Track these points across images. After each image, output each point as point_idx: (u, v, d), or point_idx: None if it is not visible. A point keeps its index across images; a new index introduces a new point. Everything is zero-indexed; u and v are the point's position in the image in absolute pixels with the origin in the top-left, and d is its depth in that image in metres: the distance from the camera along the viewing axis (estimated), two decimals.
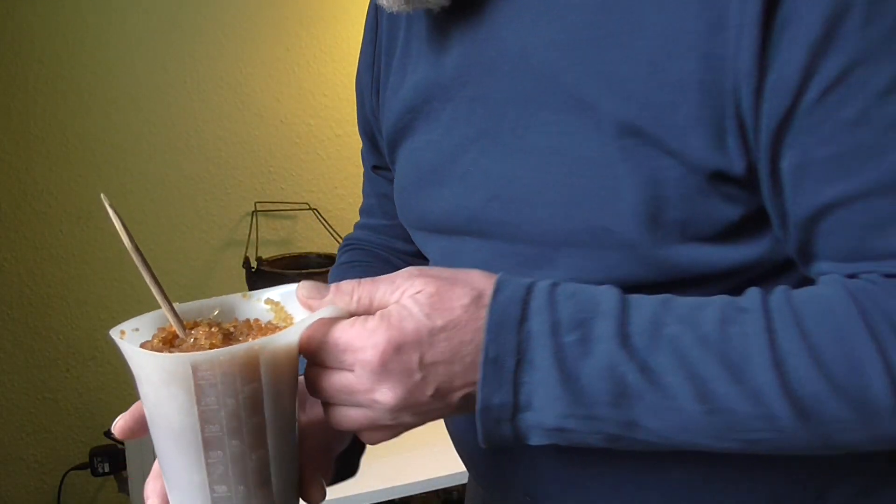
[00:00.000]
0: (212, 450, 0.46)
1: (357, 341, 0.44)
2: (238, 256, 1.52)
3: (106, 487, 1.57)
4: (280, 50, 1.53)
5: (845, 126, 0.43)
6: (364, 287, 0.47)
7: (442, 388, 0.45)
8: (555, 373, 0.44)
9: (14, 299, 1.46)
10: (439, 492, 1.38)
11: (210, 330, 0.47)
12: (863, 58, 0.43)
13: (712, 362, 0.44)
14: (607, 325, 0.45)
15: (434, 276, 0.46)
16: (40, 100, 1.41)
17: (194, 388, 0.44)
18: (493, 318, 0.44)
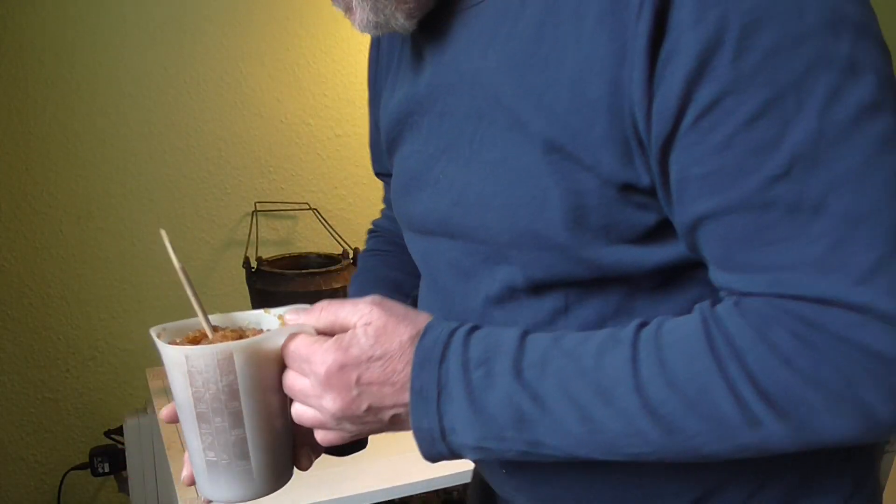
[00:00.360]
0: (203, 423, 0.58)
1: (313, 356, 0.55)
2: (238, 256, 1.52)
3: (106, 487, 1.57)
4: (280, 50, 1.53)
5: (715, 149, 0.49)
6: (331, 308, 0.57)
7: (374, 405, 0.56)
8: (466, 403, 0.53)
9: (14, 299, 1.46)
10: (439, 492, 1.39)
11: (226, 333, 0.62)
12: (731, 88, 0.47)
13: (589, 390, 0.51)
14: (505, 362, 0.53)
15: (387, 311, 0.56)
16: (40, 100, 1.41)
17: (188, 374, 0.57)
18: (418, 356, 0.54)
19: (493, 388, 0.53)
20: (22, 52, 1.38)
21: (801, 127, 0.47)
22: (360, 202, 1.65)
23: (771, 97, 0.47)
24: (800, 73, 0.47)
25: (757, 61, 0.47)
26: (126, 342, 1.54)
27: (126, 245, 1.50)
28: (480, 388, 0.53)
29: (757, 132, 0.48)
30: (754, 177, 0.48)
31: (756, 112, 0.48)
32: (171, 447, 1.18)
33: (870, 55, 0.48)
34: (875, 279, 0.47)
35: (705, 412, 0.49)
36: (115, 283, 1.51)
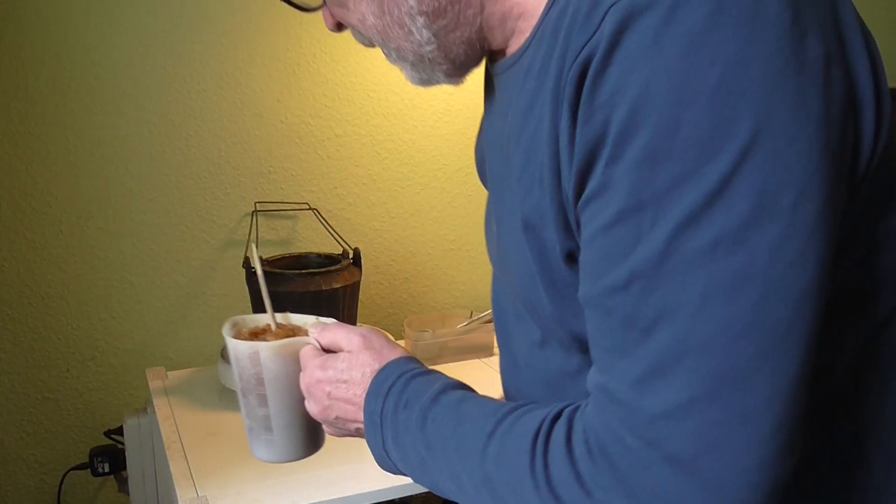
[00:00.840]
0: (244, 397, 0.76)
1: (306, 367, 0.71)
2: (238, 256, 1.52)
3: (106, 487, 1.57)
4: (280, 50, 1.53)
5: (586, 242, 0.51)
6: (335, 330, 0.73)
7: (341, 417, 0.70)
8: (392, 438, 0.65)
9: (14, 299, 1.46)
10: None
11: (277, 332, 0.78)
12: (600, 191, 0.49)
13: (455, 452, 0.59)
14: (419, 411, 0.63)
15: (366, 343, 0.70)
16: (40, 100, 1.41)
17: (235, 359, 0.75)
18: (371, 387, 0.67)
19: (408, 431, 0.63)
20: (22, 52, 1.38)
21: (649, 245, 0.47)
22: (360, 202, 1.65)
23: (630, 207, 0.47)
24: (663, 189, 0.46)
25: (624, 169, 0.47)
26: (126, 342, 1.54)
27: (126, 245, 1.50)
28: (402, 428, 0.64)
29: (611, 239, 0.49)
30: (602, 281, 0.50)
31: (614, 219, 0.48)
32: (171, 447, 1.18)
33: (752, 179, 0.45)
34: (680, 420, 0.46)
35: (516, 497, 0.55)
36: (115, 283, 1.51)
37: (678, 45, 0.45)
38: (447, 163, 1.71)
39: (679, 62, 0.45)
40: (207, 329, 1.58)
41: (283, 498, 1.05)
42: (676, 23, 0.45)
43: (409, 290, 1.72)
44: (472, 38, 0.63)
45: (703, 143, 0.45)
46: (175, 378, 1.45)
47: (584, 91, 0.49)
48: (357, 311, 1.44)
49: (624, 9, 0.46)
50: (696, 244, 0.45)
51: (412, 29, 0.62)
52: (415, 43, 0.63)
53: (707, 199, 0.45)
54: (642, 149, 0.46)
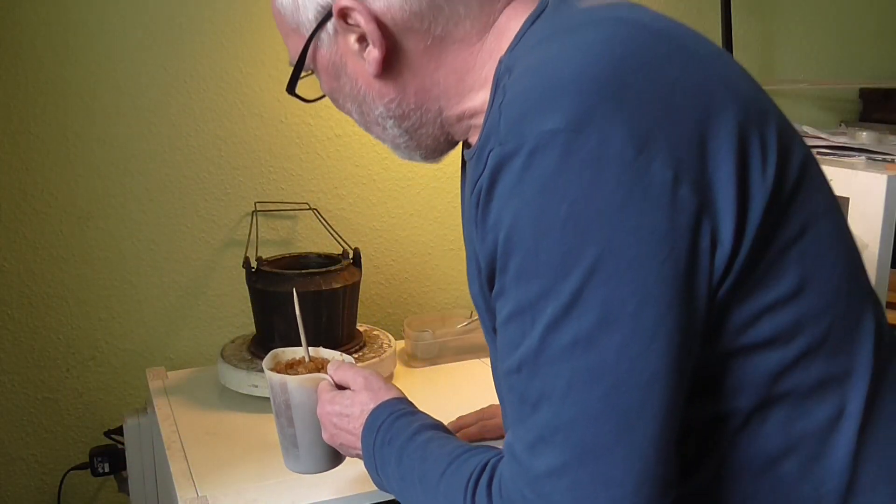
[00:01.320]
0: (276, 418, 0.96)
1: (322, 399, 0.89)
2: (238, 256, 1.52)
3: (106, 487, 1.57)
4: (280, 50, 1.53)
5: (497, 332, 0.65)
6: (347, 370, 0.90)
7: (345, 443, 0.88)
8: (380, 467, 0.81)
9: (14, 299, 1.46)
10: None
11: (308, 365, 0.98)
12: (499, 293, 0.62)
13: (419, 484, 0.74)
14: (397, 448, 0.78)
15: (367, 383, 0.87)
16: (40, 100, 1.41)
17: (270, 387, 0.95)
18: (367, 423, 0.83)
19: (389, 464, 0.79)
20: (22, 52, 1.38)
21: (529, 341, 0.59)
22: (360, 202, 1.65)
23: (516, 311, 0.60)
24: (534, 298, 0.58)
25: (509, 279, 0.60)
26: (126, 342, 1.54)
27: (126, 245, 1.50)
28: (385, 461, 0.79)
29: (508, 332, 0.62)
30: (504, 364, 0.63)
31: (508, 317, 0.61)
32: (171, 447, 1.18)
33: (598, 293, 0.56)
34: (558, 479, 0.58)
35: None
36: (115, 283, 1.51)
37: (534, 186, 0.57)
38: (447, 163, 1.70)
39: (536, 200, 0.57)
40: (207, 329, 1.58)
41: (282, 498, 1.05)
42: (533, 168, 0.57)
43: (409, 290, 1.72)
44: (437, 133, 0.77)
45: (557, 266, 0.57)
46: (175, 378, 1.45)
47: (479, 215, 0.63)
48: (357, 311, 1.44)
49: (497, 155, 0.59)
50: (560, 343, 0.57)
51: (385, 127, 0.77)
52: (389, 137, 0.79)
53: (564, 310, 0.57)
54: (517, 267, 0.59)
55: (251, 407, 1.30)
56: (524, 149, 0.57)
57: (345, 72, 0.76)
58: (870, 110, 2.11)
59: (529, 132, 0.57)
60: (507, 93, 0.62)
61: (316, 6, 0.73)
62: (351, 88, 0.76)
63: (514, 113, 0.59)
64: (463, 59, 0.72)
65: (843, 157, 1.55)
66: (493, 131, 0.61)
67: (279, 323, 1.35)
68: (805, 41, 2.04)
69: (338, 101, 0.81)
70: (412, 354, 1.52)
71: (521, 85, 0.61)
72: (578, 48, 0.60)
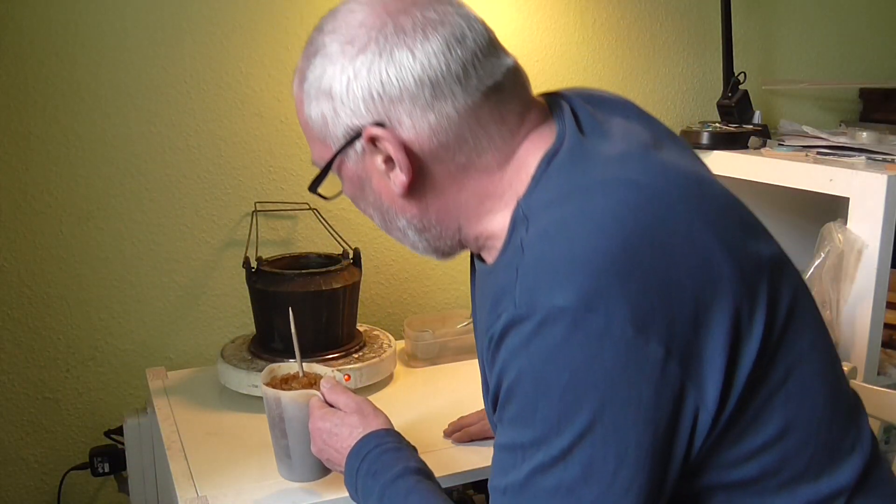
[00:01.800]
0: (271, 429, 1.02)
1: (314, 415, 0.95)
2: (238, 256, 1.52)
3: (106, 487, 1.57)
4: (280, 50, 1.53)
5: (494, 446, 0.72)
6: (337, 391, 0.97)
7: (331, 459, 0.94)
8: (360, 492, 0.87)
9: (14, 299, 1.46)
10: None
11: (302, 380, 1.04)
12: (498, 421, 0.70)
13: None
14: (380, 486, 0.84)
15: (358, 409, 0.94)
16: (40, 100, 1.41)
17: (265, 401, 1.02)
18: (354, 447, 0.90)
19: (371, 497, 0.85)
20: (22, 52, 1.38)
21: (517, 474, 0.66)
22: None
23: (510, 444, 0.68)
24: (527, 443, 0.66)
25: (507, 418, 0.68)
26: (126, 342, 1.54)
27: (126, 245, 1.50)
28: (367, 492, 0.86)
29: (500, 457, 0.69)
30: (493, 481, 0.70)
31: (502, 446, 0.69)
32: (171, 447, 1.18)
33: (585, 452, 0.63)
34: None
35: None
36: (115, 283, 1.51)
37: (541, 352, 0.63)
38: None
39: (540, 365, 0.63)
40: (207, 329, 1.58)
41: (282, 498, 1.05)
42: (541, 336, 0.63)
43: (409, 290, 1.72)
44: (454, 244, 0.81)
45: (552, 424, 0.64)
46: (175, 378, 1.45)
47: (489, 353, 0.69)
48: (357, 311, 1.44)
49: (511, 316, 0.65)
50: (543, 485, 0.65)
51: (407, 234, 0.81)
52: (409, 241, 0.82)
53: (552, 461, 0.64)
54: (515, 413, 0.66)
55: (251, 407, 1.30)
56: (535, 317, 0.63)
57: (369, 186, 0.78)
58: (870, 110, 2.11)
59: (542, 304, 0.63)
60: (524, 253, 0.67)
61: (346, 127, 0.74)
62: (374, 200, 0.79)
63: (530, 282, 0.64)
64: (484, 185, 0.75)
65: (843, 157, 1.55)
66: (509, 290, 0.66)
67: (279, 323, 1.35)
68: (805, 41, 2.04)
69: (360, 206, 0.82)
70: (412, 354, 1.52)
71: (538, 251, 0.66)
72: (591, 219, 0.65)
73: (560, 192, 0.69)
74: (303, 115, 0.78)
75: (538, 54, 1.73)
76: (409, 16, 0.71)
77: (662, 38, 1.87)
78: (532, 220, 0.69)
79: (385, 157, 0.74)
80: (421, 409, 1.32)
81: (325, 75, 0.73)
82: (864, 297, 1.42)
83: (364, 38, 0.71)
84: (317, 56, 0.74)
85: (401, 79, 0.70)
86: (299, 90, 0.77)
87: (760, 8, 1.97)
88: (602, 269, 0.62)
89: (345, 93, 0.72)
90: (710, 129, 1.74)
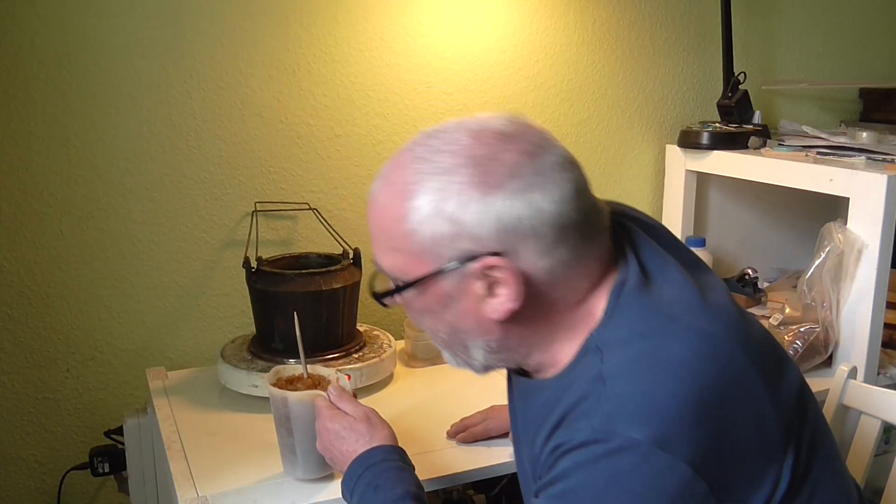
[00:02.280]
0: (277, 428, 1.07)
1: (322, 415, 1.00)
2: (238, 256, 1.51)
3: (106, 487, 1.57)
4: (280, 50, 1.53)
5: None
6: (346, 399, 1.01)
7: (333, 459, 0.99)
8: (350, 497, 0.92)
9: (14, 299, 1.46)
10: (439, 492, 1.38)
11: (306, 381, 1.09)
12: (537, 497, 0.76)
13: None
14: (381, 499, 0.89)
15: (367, 418, 0.98)
16: (40, 100, 1.41)
17: (271, 401, 1.06)
18: (359, 457, 0.94)
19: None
20: (22, 52, 1.38)
21: None
22: (360, 202, 1.65)
23: None
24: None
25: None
26: (126, 342, 1.54)
27: (126, 245, 1.50)
28: (364, 502, 0.90)
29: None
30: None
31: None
32: (171, 447, 1.18)
33: None
34: None
35: None
36: (115, 283, 1.51)
37: (607, 473, 0.70)
38: None
39: (604, 483, 0.70)
40: (207, 329, 1.58)
41: (282, 498, 1.05)
42: (612, 459, 0.70)
43: None
44: (507, 365, 0.86)
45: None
46: (175, 378, 1.45)
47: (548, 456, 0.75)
48: (357, 311, 1.44)
49: (588, 434, 0.71)
50: None
51: (471, 352, 0.83)
52: (464, 358, 0.85)
53: None
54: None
55: (251, 407, 1.30)
56: (611, 443, 0.70)
57: (457, 306, 0.79)
58: (870, 110, 2.11)
59: (619, 433, 0.69)
60: (606, 385, 0.73)
61: (462, 251, 0.74)
62: (454, 319, 0.80)
63: (611, 412, 0.71)
64: (564, 318, 0.79)
65: (843, 157, 1.55)
66: (587, 413, 0.73)
67: (279, 323, 1.35)
68: (805, 41, 2.04)
69: (423, 317, 0.84)
70: (412, 354, 1.52)
71: (619, 388, 0.72)
72: (669, 365, 0.73)
73: (633, 332, 0.76)
74: (402, 227, 0.76)
75: (538, 54, 1.73)
76: (545, 155, 0.75)
77: (662, 39, 1.87)
78: (606, 353, 0.75)
79: (489, 283, 0.76)
80: (421, 409, 1.32)
81: (450, 201, 0.74)
82: (864, 297, 1.42)
83: (498, 178, 0.73)
84: (436, 177, 0.74)
85: (533, 219, 0.73)
86: (402, 201, 0.76)
87: (760, 8, 1.97)
88: (677, 415, 0.70)
89: (473, 223, 0.73)
90: (710, 129, 1.74)
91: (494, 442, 1.18)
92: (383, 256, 0.80)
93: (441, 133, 0.77)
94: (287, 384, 1.08)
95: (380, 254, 0.80)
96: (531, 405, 0.84)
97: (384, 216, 0.78)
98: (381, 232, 0.79)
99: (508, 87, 1.72)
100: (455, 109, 1.68)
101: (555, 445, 0.74)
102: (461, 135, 0.76)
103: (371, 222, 0.80)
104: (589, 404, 0.73)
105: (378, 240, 0.80)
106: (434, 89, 1.66)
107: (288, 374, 1.10)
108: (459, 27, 1.64)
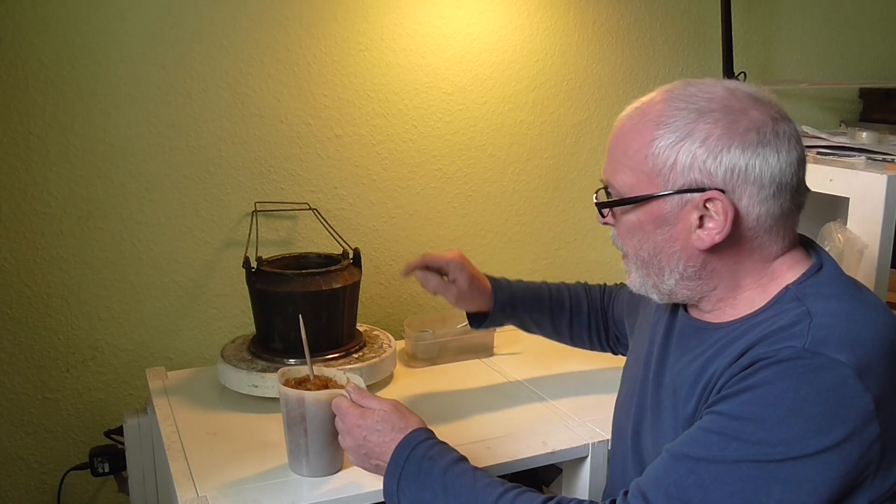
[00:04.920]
0: (289, 428, 1.07)
1: (349, 414, 1.00)
2: (238, 256, 1.52)
3: (106, 487, 1.57)
4: (280, 50, 1.53)
5: (693, 424, 0.85)
6: (368, 396, 1.02)
7: (369, 453, 0.98)
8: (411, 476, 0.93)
9: (14, 299, 1.46)
10: None
11: (315, 382, 1.10)
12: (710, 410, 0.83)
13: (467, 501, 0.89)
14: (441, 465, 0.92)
15: (397, 408, 1.00)
16: (40, 100, 1.41)
17: (283, 401, 1.06)
18: (402, 441, 0.96)
19: (431, 475, 0.92)
20: (22, 52, 1.38)
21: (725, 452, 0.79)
22: (360, 202, 1.65)
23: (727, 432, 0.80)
24: (755, 439, 0.78)
25: (736, 413, 0.80)
26: (126, 342, 1.54)
27: (126, 245, 1.50)
28: (425, 472, 0.92)
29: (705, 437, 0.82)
30: (683, 448, 0.83)
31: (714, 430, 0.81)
32: (171, 447, 1.18)
33: (796, 467, 0.76)
34: None
35: None
36: (115, 283, 1.51)
37: (810, 384, 0.77)
38: (447, 163, 1.71)
39: (804, 391, 0.77)
40: (207, 329, 1.58)
41: (282, 498, 1.05)
42: (817, 373, 0.77)
43: (409, 290, 1.72)
44: (696, 296, 0.92)
45: (785, 437, 0.77)
46: (175, 378, 1.45)
47: (728, 381, 0.83)
48: (357, 311, 1.44)
49: (794, 351, 0.79)
50: (744, 472, 0.78)
51: (665, 275, 0.91)
52: (657, 283, 0.92)
53: (767, 459, 0.77)
54: (751, 413, 0.79)
55: (251, 407, 1.30)
56: (818, 360, 0.78)
57: (669, 229, 0.88)
58: (870, 110, 2.11)
59: (827, 354, 0.78)
60: (813, 319, 0.81)
61: (693, 180, 0.85)
62: (662, 240, 0.89)
63: (822, 336, 0.79)
64: (752, 266, 0.89)
65: (843, 157, 1.55)
66: (797, 335, 0.80)
67: (279, 323, 1.35)
68: (805, 41, 2.04)
69: (629, 236, 0.92)
70: (412, 354, 1.52)
71: (828, 321, 0.81)
72: (871, 318, 0.83)
73: (833, 292, 0.86)
74: (646, 149, 0.86)
75: (538, 54, 1.73)
76: (784, 125, 0.86)
77: (662, 38, 1.87)
78: (808, 302, 0.84)
79: (703, 215, 0.86)
80: (421, 409, 1.31)
81: (696, 136, 0.84)
82: None
83: (743, 129, 0.84)
84: (689, 114, 0.85)
85: (762, 170, 0.84)
86: (653, 127, 0.86)
87: (760, 8, 1.97)
88: (878, 353, 0.79)
89: (710, 160, 0.84)
90: None
91: (494, 442, 1.18)
92: (617, 174, 0.89)
93: (700, 83, 0.87)
94: (297, 385, 1.08)
95: (613, 171, 0.90)
96: (698, 344, 0.91)
97: (631, 136, 0.87)
98: (622, 151, 0.88)
99: (508, 87, 1.73)
100: (455, 109, 1.68)
101: (752, 360, 0.81)
102: (718, 88, 0.86)
103: (614, 141, 0.90)
104: (797, 330, 0.81)
105: (616, 157, 0.89)
106: (434, 89, 1.66)
107: (294, 375, 1.11)
108: (459, 27, 1.64)
